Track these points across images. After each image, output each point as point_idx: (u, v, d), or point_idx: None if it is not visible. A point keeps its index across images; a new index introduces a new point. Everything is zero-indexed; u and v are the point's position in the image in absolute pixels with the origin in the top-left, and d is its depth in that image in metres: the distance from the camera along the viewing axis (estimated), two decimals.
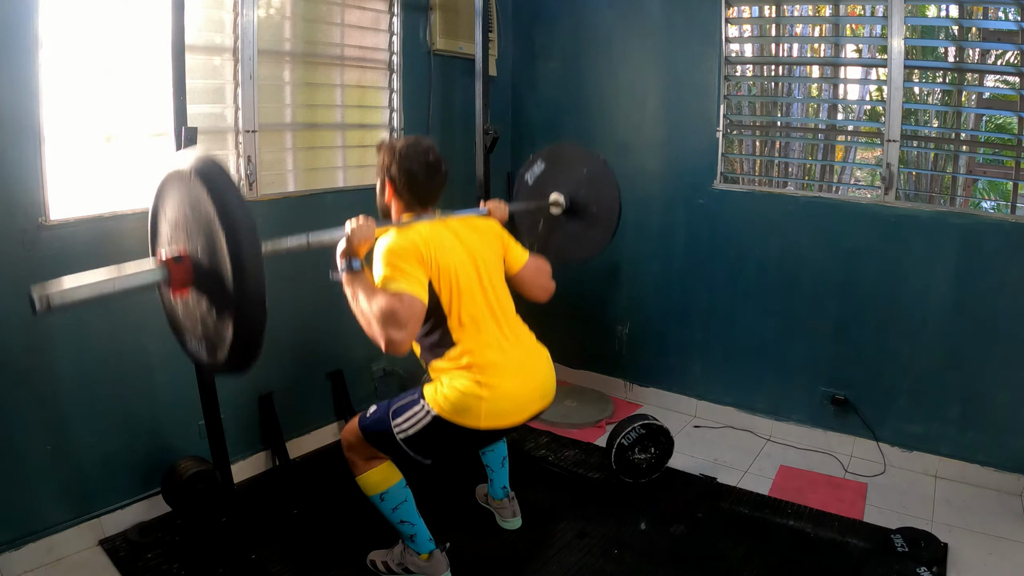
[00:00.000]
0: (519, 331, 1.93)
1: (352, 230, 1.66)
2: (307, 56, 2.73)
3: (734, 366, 3.13)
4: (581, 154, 2.55)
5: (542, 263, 2.08)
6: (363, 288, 1.65)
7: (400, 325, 1.59)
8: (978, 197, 3.99)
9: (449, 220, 1.89)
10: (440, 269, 1.75)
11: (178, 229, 1.36)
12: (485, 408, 1.74)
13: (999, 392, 2.55)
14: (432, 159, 1.86)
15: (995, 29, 2.81)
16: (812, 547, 2.22)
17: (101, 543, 2.15)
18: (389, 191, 1.90)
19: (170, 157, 1.40)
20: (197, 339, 1.41)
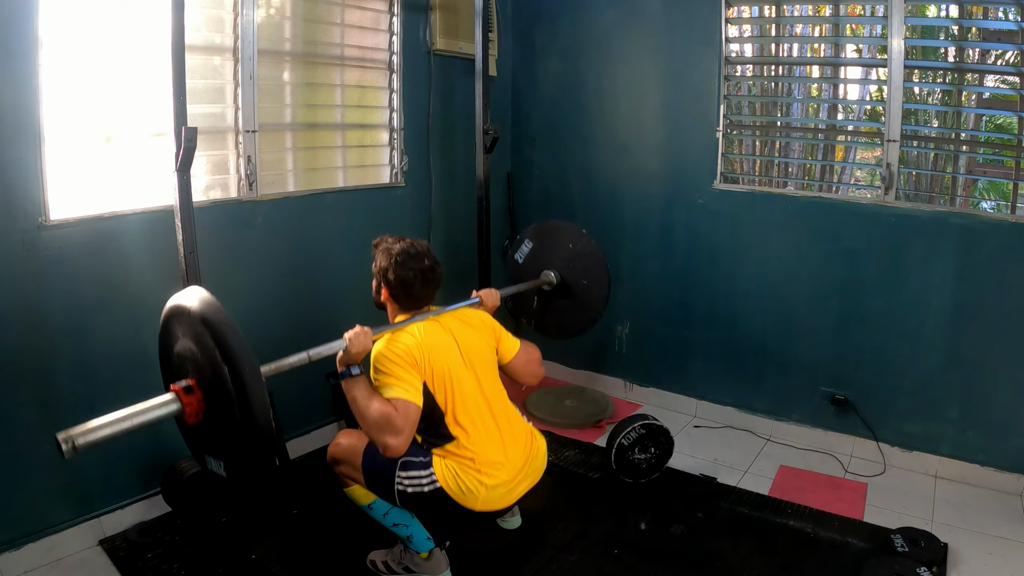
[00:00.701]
0: (514, 422, 1.99)
1: (350, 340, 1.78)
2: (307, 56, 2.73)
3: (734, 366, 3.13)
4: (565, 230, 2.70)
5: (532, 351, 2.16)
6: (360, 394, 1.76)
7: (395, 431, 1.70)
8: (978, 197, 3.99)
9: (442, 317, 1.96)
10: (435, 372, 1.82)
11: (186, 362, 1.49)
12: (483, 496, 1.84)
13: (999, 392, 2.55)
14: (427, 265, 1.93)
15: (995, 29, 2.81)
16: (812, 547, 2.22)
17: (101, 543, 2.15)
18: (385, 293, 1.97)
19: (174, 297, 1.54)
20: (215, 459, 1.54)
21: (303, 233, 2.75)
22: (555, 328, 2.78)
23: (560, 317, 2.73)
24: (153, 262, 2.20)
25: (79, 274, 2.06)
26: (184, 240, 1.89)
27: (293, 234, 2.71)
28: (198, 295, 1.46)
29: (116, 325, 2.17)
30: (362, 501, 1.97)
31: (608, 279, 2.64)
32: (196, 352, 1.44)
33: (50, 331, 2.03)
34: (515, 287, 2.61)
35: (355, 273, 2.91)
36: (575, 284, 2.65)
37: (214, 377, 1.40)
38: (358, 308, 2.92)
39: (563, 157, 3.51)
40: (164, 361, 1.60)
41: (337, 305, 2.91)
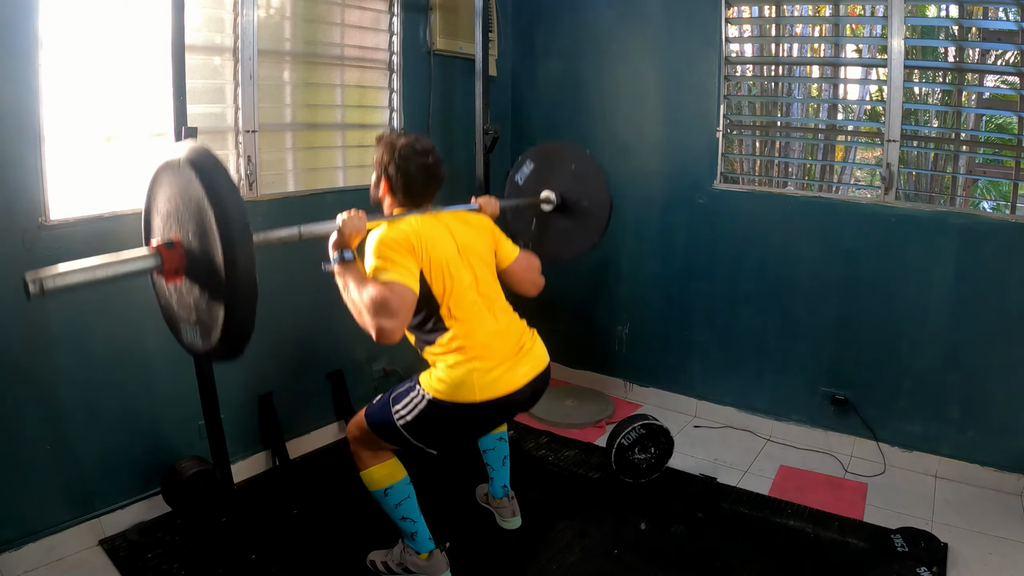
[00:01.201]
0: (510, 317, 1.95)
1: (344, 222, 1.68)
2: (307, 56, 2.73)
3: (734, 366, 3.13)
4: (567, 151, 2.56)
5: (532, 259, 2.10)
6: (354, 278, 1.66)
7: (391, 314, 1.60)
8: (978, 197, 3.99)
9: (440, 214, 1.91)
10: (432, 261, 1.77)
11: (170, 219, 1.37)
12: (478, 380, 1.76)
13: (999, 392, 2.55)
14: (431, 162, 1.87)
15: (995, 29, 2.81)
16: (812, 547, 2.22)
17: (101, 543, 2.15)
18: (384, 187, 1.91)
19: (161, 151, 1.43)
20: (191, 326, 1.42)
21: None
22: (552, 251, 2.60)
23: (558, 239, 2.59)
24: None
25: None
26: None
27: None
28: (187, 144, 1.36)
29: (116, 325, 2.17)
30: (376, 486, 1.94)
31: (610, 202, 2.49)
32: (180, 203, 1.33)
33: (50, 331, 2.03)
34: (514, 200, 2.53)
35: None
36: (575, 205, 2.52)
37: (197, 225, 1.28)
38: None
39: None
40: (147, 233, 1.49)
41: (337, 305, 2.91)
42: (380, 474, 1.93)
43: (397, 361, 3.10)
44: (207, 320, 1.35)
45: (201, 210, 1.26)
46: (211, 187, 1.25)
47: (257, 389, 2.63)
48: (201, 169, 1.27)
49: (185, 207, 1.32)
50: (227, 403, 2.26)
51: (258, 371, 2.62)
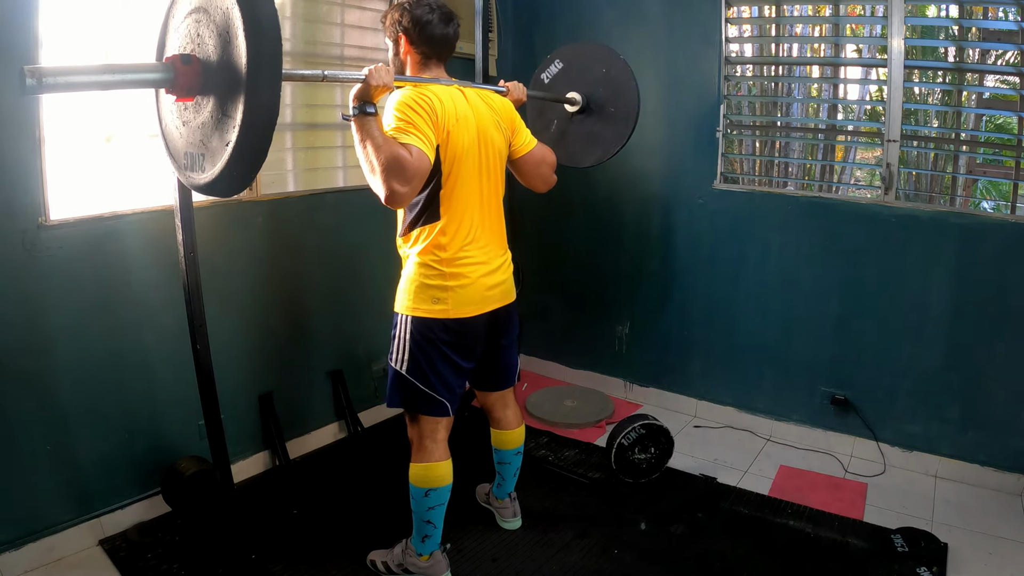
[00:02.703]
0: (496, 227, 1.94)
1: (370, 72, 1.59)
2: (307, 56, 2.73)
3: (734, 366, 3.13)
4: (601, 53, 2.45)
5: (548, 153, 2.05)
6: (372, 134, 1.58)
7: (405, 178, 1.56)
8: (978, 197, 3.99)
9: (467, 90, 1.86)
10: (450, 138, 1.73)
11: (187, 38, 1.28)
12: (454, 297, 1.81)
13: (999, 392, 2.55)
14: (443, 5, 1.85)
15: (995, 29, 2.81)
16: (812, 547, 2.22)
17: (101, 543, 2.15)
18: (404, 45, 1.84)
19: None
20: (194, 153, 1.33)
21: (303, 233, 2.75)
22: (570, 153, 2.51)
23: (578, 143, 2.50)
24: (153, 262, 2.20)
25: (79, 274, 2.06)
26: (184, 240, 1.88)
27: (293, 234, 2.71)
28: None
29: (116, 325, 2.17)
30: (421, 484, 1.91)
31: (637, 110, 2.41)
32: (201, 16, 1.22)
33: (50, 331, 2.03)
34: (541, 93, 2.45)
35: (356, 272, 2.92)
36: (601, 110, 2.43)
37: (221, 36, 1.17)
38: (359, 308, 2.94)
39: None
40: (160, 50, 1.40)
41: (337, 305, 2.91)
42: (433, 473, 1.91)
43: None
44: (214, 146, 1.26)
45: (227, 17, 1.16)
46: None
47: (257, 389, 2.63)
48: None
49: (207, 18, 1.22)
50: (227, 403, 2.25)
51: (258, 371, 2.62)
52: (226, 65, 1.19)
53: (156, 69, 1.22)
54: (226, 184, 1.29)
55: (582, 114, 2.45)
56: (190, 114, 1.31)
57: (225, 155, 1.23)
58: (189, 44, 1.26)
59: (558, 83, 2.49)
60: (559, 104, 2.46)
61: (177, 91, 1.25)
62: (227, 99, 1.20)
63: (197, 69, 1.23)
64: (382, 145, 1.56)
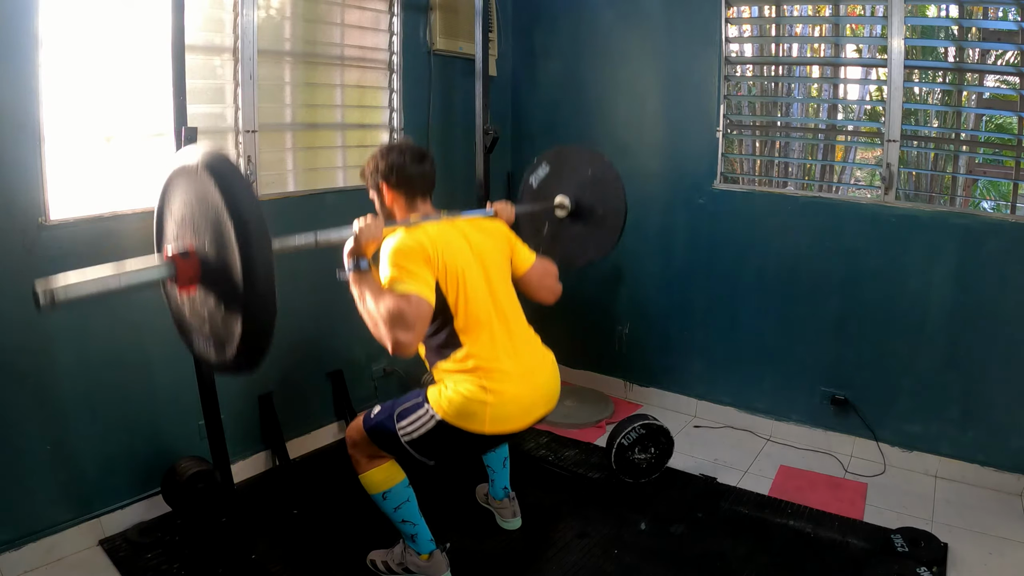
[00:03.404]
0: (526, 334, 1.92)
1: (360, 229, 1.64)
2: (307, 56, 2.73)
3: (734, 366, 3.13)
4: (585, 156, 2.54)
5: (549, 265, 2.08)
6: (370, 288, 1.63)
7: (407, 327, 1.58)
8: (978, 197, 3.99)
9: (456, 221, 1.89)
10: (447, 269, 1.74)
11: (184, 226, 1.33)
12: (490, 413, 1.73)
13: (999, 392, 2.55)
14: (415, 146, 1.91)
15: (995, 29, 2.81)
16: (812, 547, 2.22)
17: (101, 543, 2.15)
18: (386, 192, 1.90)
19: (175, 154, 1.40)
20: (204, 337, 1.39)
21: None
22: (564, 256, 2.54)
23: (571, 245, 2.56)
24: None
25: None
26: None
27: (294, 234, 2.70)
28: (201, 148, 1.31)
29: (116, 325, 2.17)
30: (375, 490, 1.92)
31: (625, 209, 2.46)
32: (196, 211, 1.28)
33: (50, 331, 2.03)
34: (529, 206, 2.50)
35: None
36: (590, 212, 2.49)
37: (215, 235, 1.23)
38: None
39: None
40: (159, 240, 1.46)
41: (337, 305, 2.91)
42: (378, 477, 1.92)
43: (397, 362, 3.10)
44: (222, 332, 1.32)
45: (219, 219, 1.22)
46: (230, 195, 1.21)
47: (257, 389, 2.63)
48: (220, 176, 1.23)
49: (202, 214, 1.27)
50: (227, 403, 2.26)
51: (258, 371, 2.62)
52: (222, 260, 1.25)
53: (158, 267, 1.30)
54: (238, 369, 1.37)
55: (572, 217, 2.52)
56: (197, 301, 1.37)
57: (233, 344, 1.30)
58: (188, 232, 1.32)
59: (547, 185, 2.57)
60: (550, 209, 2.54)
61: (179, 286, 1.32)
62: (227, 291, 1.27)
63: (195, 262, 1.30)
64: (381, 298, 1.60)
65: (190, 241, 1.31)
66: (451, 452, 1.87)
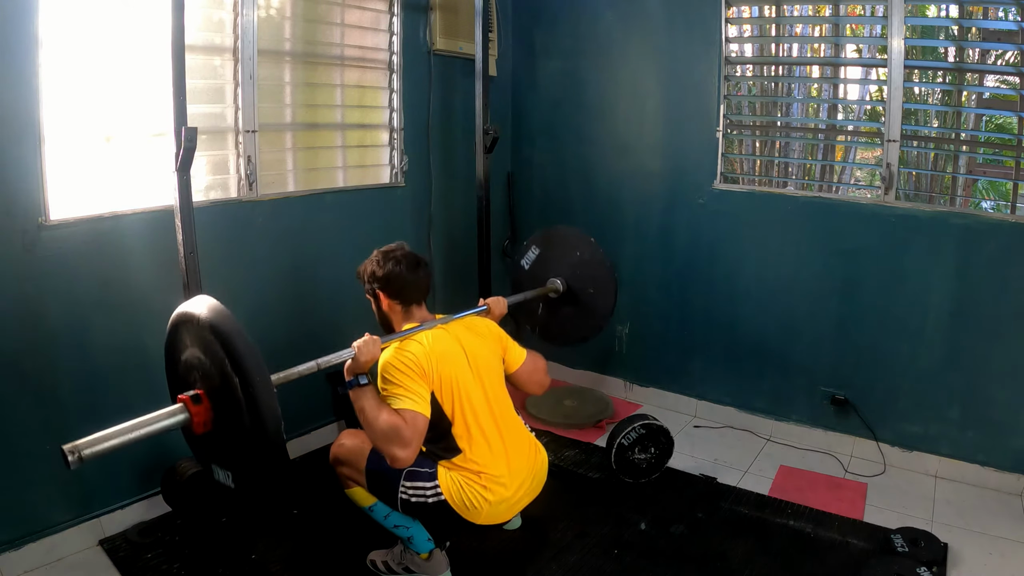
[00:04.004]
0: (519, 437, 2.00)
1: (358, 348, 1.75)
2: (307, 56, 2.73)
3: (734, 366, 3.13)
4: (574, 238, 2.68)
5: (538, 360, 2.17)
6: (368, 403, 1.74)
7: (404, 443, 1.69)
8: (978, 197, 3.99)
9: (450, 325, 1.97)
10: (442, 380, 1.82)
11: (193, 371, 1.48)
12: (486, 511, 1.86)
13: (999, 392, 2.55)
14: (409, 253, 1.97)
15: (995, 29, 2.81)
16: (812, 547, 2.22)
17: (101, 543, 2.15)
18: (382, 300, 1.97)
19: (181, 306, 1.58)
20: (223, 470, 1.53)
21: (303, 233, 2.75)
22: (560, 336, 2.77)
23: (565, 325, 2.72)
24: (153, 262, 2.20)
25: (79, 274, 2.06)
26: (184, 240, 1.89)
27: (293, 234, 2.71)
28: (207, 303, 1.47)
29: (116, 325, 2.17)
30: (363, 503, 1.97)
31: (615, 288, 2.64)
32: (204, 361, 1.44)
33: (50, 331, 2.03)
34: (522, 295, 2.60)
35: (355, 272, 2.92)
36: (581, 292, 2.64)
37: (223, 386, 1.39)
38: (358, 308, 2.93)
39: (563, 157, 3.51)
40: (171, 370, 1.60)
41: (337, 305, 2.91)
42: (365, 492, 1.95)
43: None
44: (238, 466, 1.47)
45: (225, 373, 1.38)
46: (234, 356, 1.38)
47: None
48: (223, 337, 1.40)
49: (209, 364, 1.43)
50: None
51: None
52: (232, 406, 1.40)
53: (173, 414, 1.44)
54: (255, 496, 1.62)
55: (565, 298, 2.65)
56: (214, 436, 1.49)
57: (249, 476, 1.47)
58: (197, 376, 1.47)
59: (538, 267, 2.71)
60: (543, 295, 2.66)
61: (195, 428, 1.45)
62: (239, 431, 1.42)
63: (207, 405, 1.45)
64: (379, 414, 1.72)
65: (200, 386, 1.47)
66: (436, 524, 1.95)
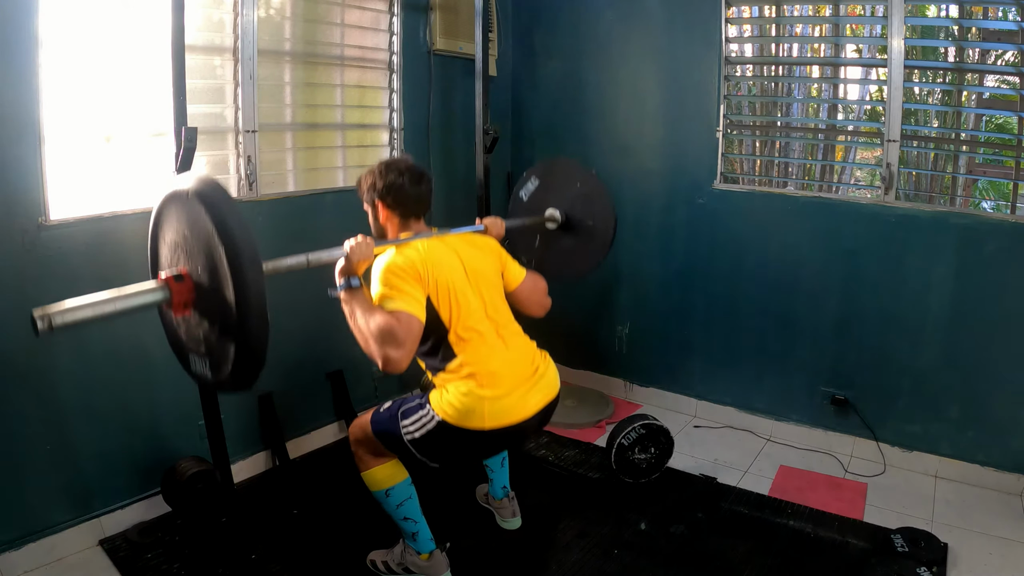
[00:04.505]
0: (520, 340, 1.94)
1: (351, 248, 1.68)
2: (307, 56, 2.73)
3: (734, 366, 3.13)
4: (574, 169, 2.58)
5: (539, 280, 2.11)
6: (361, 306, 1.67)
7: (398, 344, 1.61)
8: (978, 197, 3.99)
9: (447, 237, 1.91)
10: (438, 285, 1.77)
11: (178, 250, 1.37)
12: (488, 408, 1.75)
13: (999, 392, 2.55)
14: (413, 166, 1.91)
15: (995, 29, 2.81)
16: (812, 547, 2.22)
17: (101, 543, 2.15)
18: (381, 210, 1.91)
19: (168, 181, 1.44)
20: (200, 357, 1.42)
21: (303, 233, 2.74)
22: (556, 269, 2.59)
23: (562, 258, 2.60)
24: None
25: (79, 274, 2.06)
26: None
27: (293, 234, 2.70)
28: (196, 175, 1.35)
29: (116, 325, 2.16)
30: (378, 487, 1.93)
31: (615, 221, 2.49)
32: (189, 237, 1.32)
33: None
34: (519, 220, 2.52)
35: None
36: (580, 224, 2.53)
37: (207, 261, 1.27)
38: None
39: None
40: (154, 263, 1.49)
41: (337, 304, 2.91)
42: (382, 475, 1.93)
43: None
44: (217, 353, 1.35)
45: (211, 246, 1.26)
46: (221, 223, 1.24)
47: (257, 389, 2.63)
48: (210, 204, 1.27)
49: (194, 240, 1.31)
50: (227, 403, 2.26)
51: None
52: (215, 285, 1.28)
53: (152, 291, 1.33)
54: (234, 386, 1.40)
55: (563, 230, 2.55)
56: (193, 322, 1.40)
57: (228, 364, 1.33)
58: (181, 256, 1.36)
59: (537, 199, 2.60)
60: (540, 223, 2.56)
61: (175, 309, 1.35)
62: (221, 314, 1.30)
63: (189, 285, 1.33)
64: (371, 315, 1.63)
65: (183, 265, 1.35)
66: (453, 453, 1.87)
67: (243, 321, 1.26)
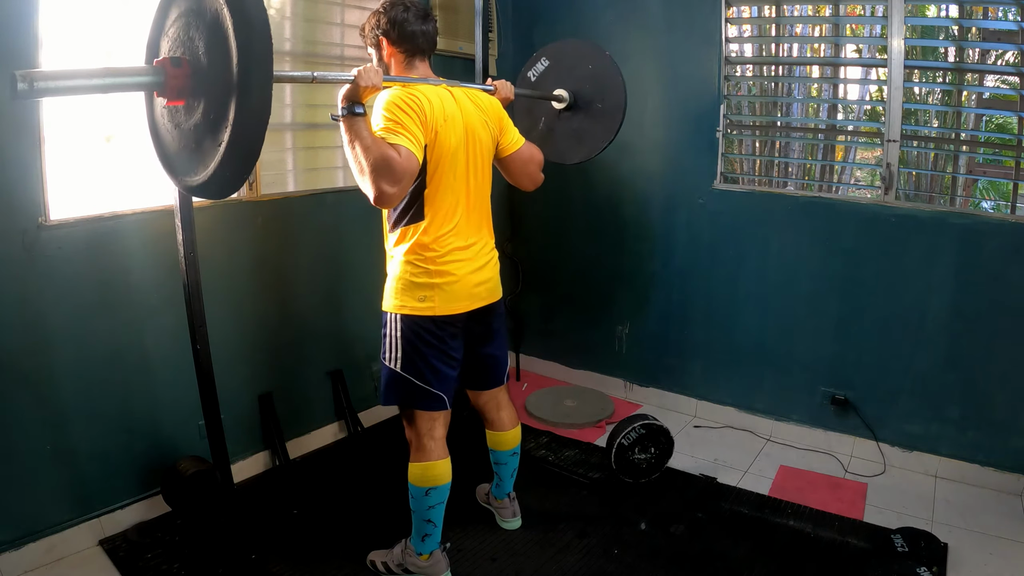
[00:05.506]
0: (483, 225, 1.95)
1: (359, 73, 1.58)
2: (307, 56, 2.73)
3: (734, 366, 3.13)
4: (587, 50, 2.45)
5: (535, 152, 2.07)
6: (361, 135, 1.58)
7: (394, 179, 1.57)
8: (978, 197, 3.99)
9: (456, 90, 1.87)
10: (438, 138, 1.74)
11: (177, 42, 1.28)
12: (439, 295, 1.83)
13: (999, 392, 2.55)
14: (419, 4, 1.87)
15: (995, 29, 2.81)
16: (812, 547, 2.22)
17: (101, 543, 2.15)
18: (386, 47, 1.85)
19: None
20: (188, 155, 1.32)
21: (303, 233, 2.75)
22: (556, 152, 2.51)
23: (567, 140, 2.50)
24: (153, 262, 2.21)
25: (79, 274, 2.07)
26: (184, 240, 1.89)
27: (293, 234, 2.71)
28: None
29: (116, 325, 2.17)
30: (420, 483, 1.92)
31: (624, 106, 2.38)
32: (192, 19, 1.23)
33: (50, 331, 2.03)
34: (528, 91, 2.44)
35: (355, 272, 2.92)
36: (588, 107, 2.42)
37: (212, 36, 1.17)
38: (359, 307, 2.94)
39: None
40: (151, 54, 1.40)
41: (337, 304, 2.91)
42: (432, 472, 1.91)
43: None
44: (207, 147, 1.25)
45: (218, 19, 1.16)
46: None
47: (257, 389, 2.63)
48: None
49: (198, 20, 1.23)
50: (227, 403, 2.26)
51: (258, 371, 2.62)
52: (216, 67, 1.18)
53: (146, 72, 1.23)
54: (219, 186, 1.29)
55: (570, 111, 2.45)
56: (182, 116, 1.31)
57: (217, 156, 1.22)
58: (180, 47, 1.26)
59: (545, 81, 2.49)
60: (547, 101, 2.46)
61: (168, 94, 1.25)
62: (218, 101, 1.20)
63: (187, 71, 1.23)
64: (371, 146, 1.56)
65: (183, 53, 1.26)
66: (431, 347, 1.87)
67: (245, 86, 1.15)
